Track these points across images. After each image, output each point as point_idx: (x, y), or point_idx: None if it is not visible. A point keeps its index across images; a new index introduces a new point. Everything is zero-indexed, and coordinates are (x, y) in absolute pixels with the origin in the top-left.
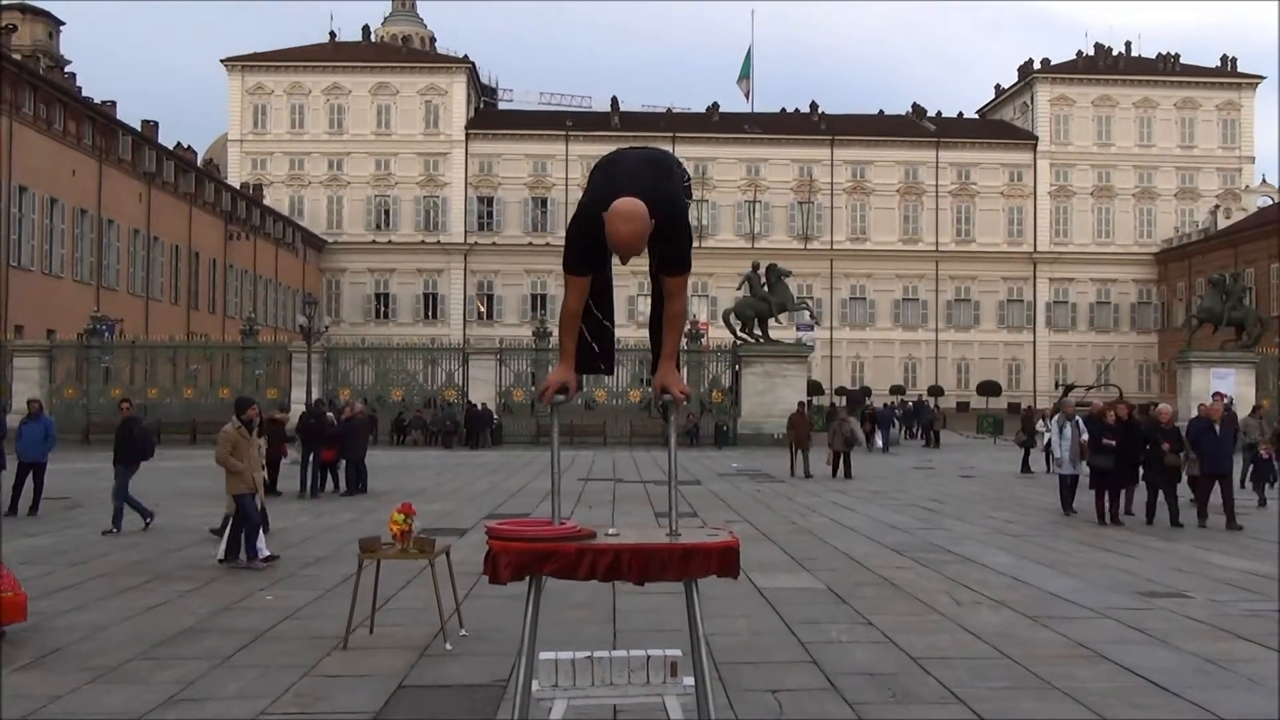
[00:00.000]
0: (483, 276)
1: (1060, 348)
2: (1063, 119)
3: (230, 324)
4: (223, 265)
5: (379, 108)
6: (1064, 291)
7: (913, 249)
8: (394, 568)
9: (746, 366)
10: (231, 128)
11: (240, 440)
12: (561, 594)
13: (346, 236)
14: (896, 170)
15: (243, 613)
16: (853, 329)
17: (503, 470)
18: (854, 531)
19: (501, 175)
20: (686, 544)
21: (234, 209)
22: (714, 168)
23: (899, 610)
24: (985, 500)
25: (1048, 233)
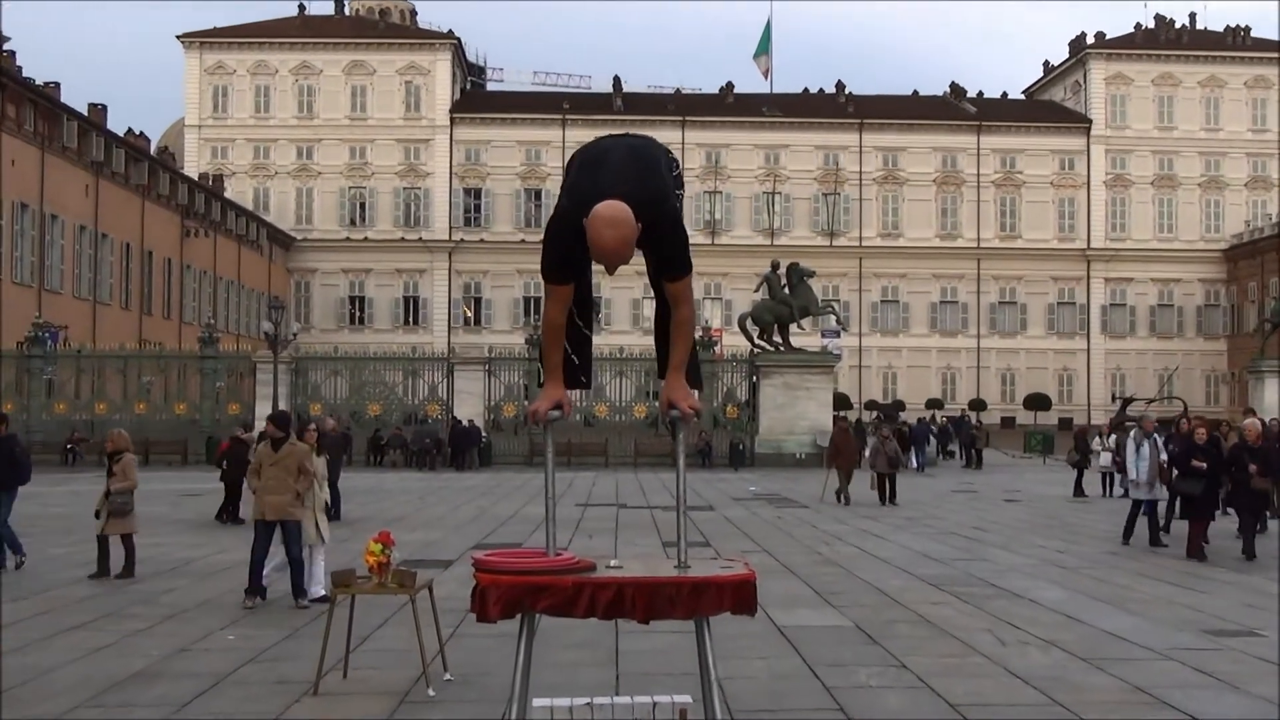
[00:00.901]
0: (469, 278)
1: (1117, 356)
2: (1119, 100)
3: (187, 331)
4: (179, 265)
5: (354, 89)
6: (1121, 293)
7: (951, 246)
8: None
9: (765, 378)
10: (188, 112)
11: (264, 458)
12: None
13: (317, 233)
14: (933, 158)
15: (201, 654)
16: (884, 336)
17: (492, 494)
18: (886, 563)
19: (490, 164)
20: (698, 577)
21: (191, 202)
22: (728, 155)
23: (936, 651)
24: (1033, 528)
25: (1103, 227)
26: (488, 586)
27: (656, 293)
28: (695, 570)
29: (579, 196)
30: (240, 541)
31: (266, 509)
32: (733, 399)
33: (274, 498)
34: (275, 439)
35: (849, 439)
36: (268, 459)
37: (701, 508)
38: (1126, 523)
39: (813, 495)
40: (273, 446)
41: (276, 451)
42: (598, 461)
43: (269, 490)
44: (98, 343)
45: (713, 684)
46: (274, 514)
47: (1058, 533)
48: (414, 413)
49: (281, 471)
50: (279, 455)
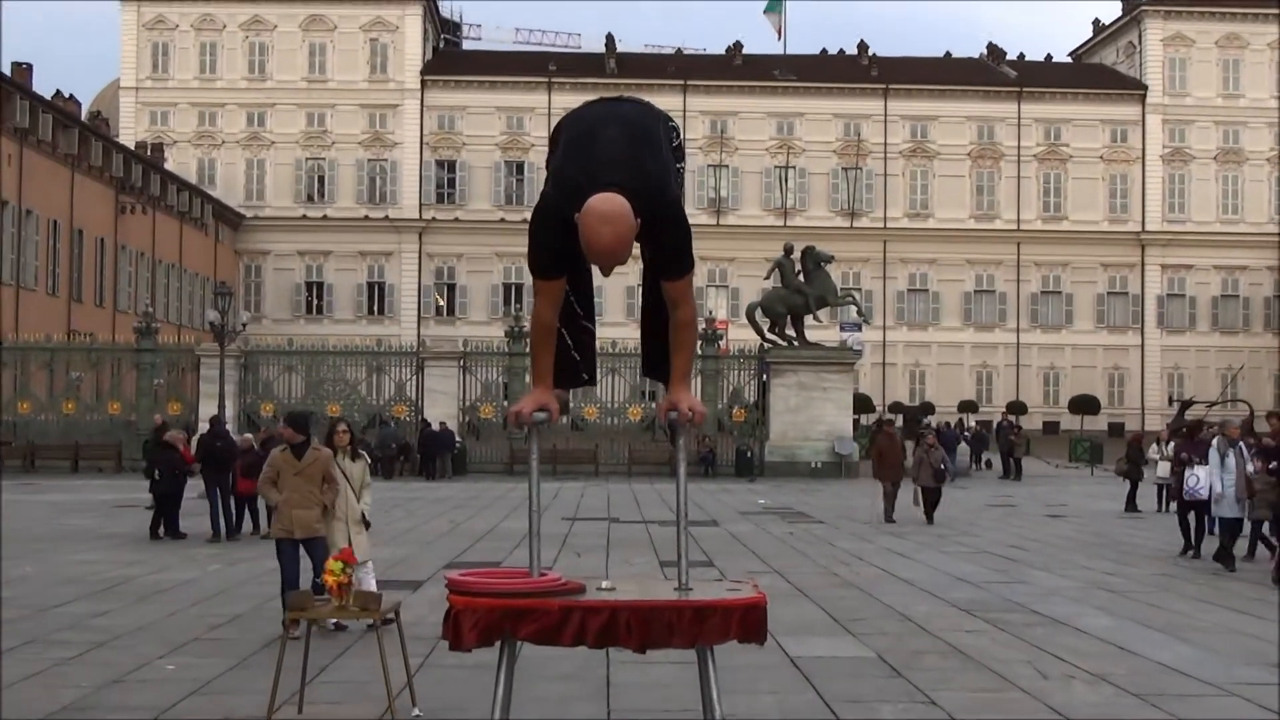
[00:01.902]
0: (442, 262)
1: (1175, 353)
2: (1179, 64)
3: (122, 321)
4: (113, 246)
5: (311, 48)
6: (1180, 282)
7: (988, 228)
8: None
9: (776, 376)
10: (124, 73)
11: (285, 466)
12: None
13: (270, 210)
14: (967, 128)
15: (137, 686)
16: (911, 329)
17: (467, 507)
18: (912, 586)
19: (466, 134)
20: (700, 601)
21: (128, 175)
22: (736, 125)
23: (969, 685)
24: (1079, 546)
25: (1159, 208)
26: (463, 610)
27: (646, 284)
28: (698, 593)
29: (568, 185)
30: (178, 559)
31: (294, 526)
32: (740, 400)
33: (301, 512)
34: (296, 444)
35: (894, 445)
36: (289, 468)
37: (704, 523)
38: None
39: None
40: (294, 453)
41: (299, 459)
42: (587, 470)
43: (294, 504)
44: (20, 333)
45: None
46: (303, 532)
47: (1107, 552)
48: (379, 414)
49: (306, 482)
50: (303, 463)
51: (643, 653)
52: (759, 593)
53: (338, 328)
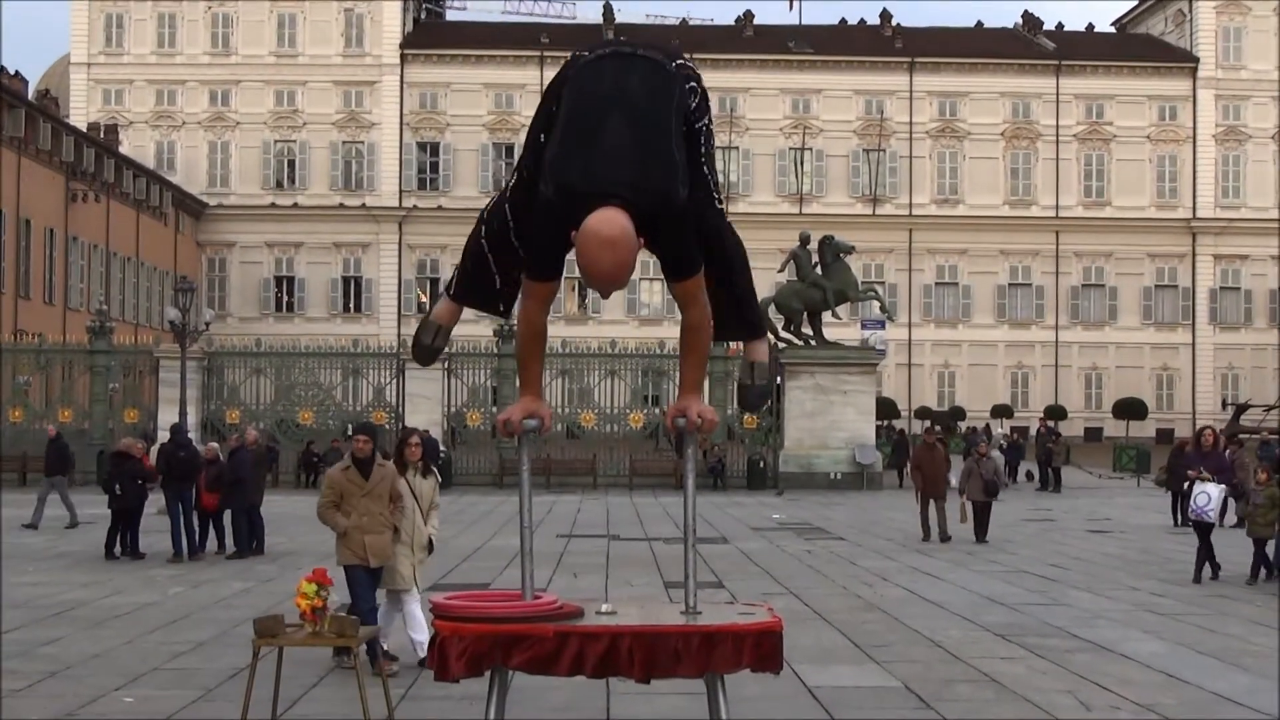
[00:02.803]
0: (424, 254)
1: (1229, 352)
2: (1233, 34)
3: (74, 319)
4: (63, 237)
5: (280, 19)
6: (1235, 274)
7: (1024, 215)
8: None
9: (792, 379)
10: (75, 48)
11: (350, 487)
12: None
13: (236, 198)
14: (1001, 106)
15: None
16: (939, 327)
17: (453, 522)
18: (941, 608)
19: (451, 113)
20: (710, 626)
21: (79, 159)
22: (747, 102)
23: (1006, 716)
24: (1125, 564)
25: (1212, 193)
26: (449, 637)
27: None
28: (707, 617)
29: (564, 185)
30: (137, 581)
31: (369, 554)
32: None
33: (375, 538)
34: (361, 460)
35: (936, 456)
36: (356, 488)
37: (714, 540)
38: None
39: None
40: (360, 470)
41: (366, 477)
42: (584, 482)
43: (366, 529)
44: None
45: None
46: (379, 559)
47: (1155, 571)
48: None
49: (374, 503)
50: (371, 483)
51: (647, 683)
52: (774, 617)
53: (310, 326)
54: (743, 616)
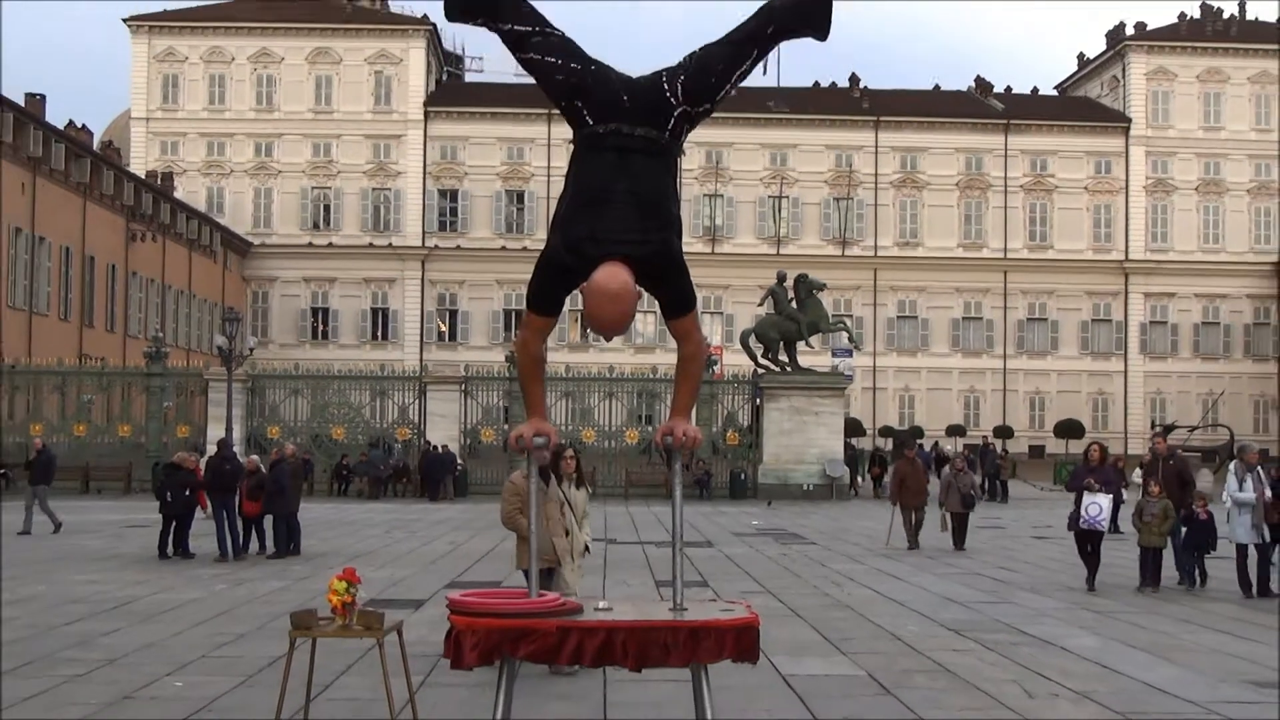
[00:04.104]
0: (444, 288)
1: (1157, 379)
2: (1162, 97)
3: (132, 345)
4: (124, 272)
5: (318, 80)
6: (1163, 310)
7: (975, 257)
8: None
9: (769, 401)
10: (135, 103)
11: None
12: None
13: (277, 238)
14: (956, 159)
15: (145, 703)
16: (901, 355)
17: (468, 528)
18: (903, 606)
19: (469, 163)
20: (695, 621)
21: (138, 203)
22: (730, 155)
23: (958, 704)
24: (1065, 568)
25: (1143, 237)
26: (464, 630)
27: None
28: (692, 613)
29: (575, 245)
30: (185, 579)
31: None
32: (734, 424)
33: (560, 540)
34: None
35: (917, 470)
36: (542, 496)
37: (699, 544)
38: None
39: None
40: (544, 478)
41: (548, 485)
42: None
43: (551, 533)
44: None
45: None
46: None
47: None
48: (381, 437)
49: (553, 509)
50: (551, 491)
51: (639, 672)
52: (752, 613)
53: (342, 352)
54: (724, 613)
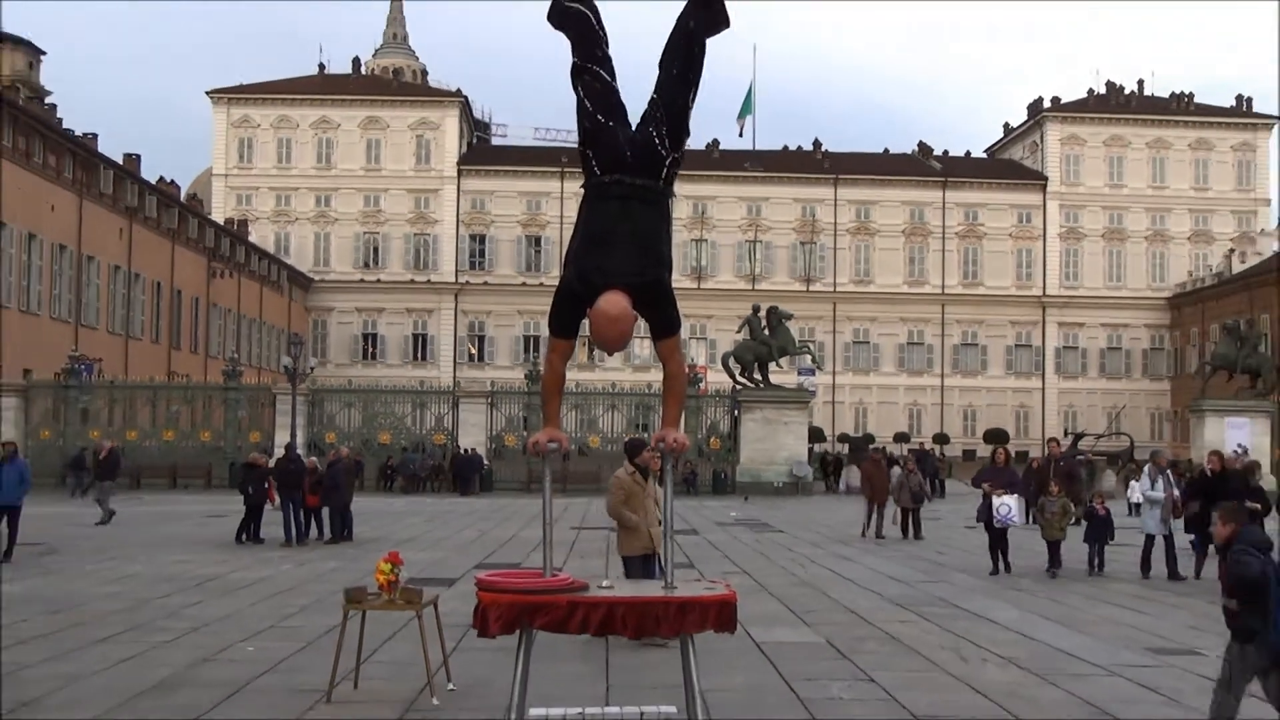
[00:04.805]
0: (474, 317)
1: (1070, 394)
2: (1073, 159)
3: (212, 364)
4: (205, 303)
5: (368, 142)
6: (1074, 337)
7: (918, 292)
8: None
9: (746, 412)
10: (216, 162)
11: (635, 489)
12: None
13: (334, 275)
14: (902, 211)
15: (222, 665)
16: (856, 374)
17: (493, 518)
18: (855, 584)
19: (494, 213)
20: (682, 597)
21: (218, 245)
22: (713, 207)
23: (902, 666)
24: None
25: (1057, 276)
26: (489, 604)
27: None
28: (681, 591)
29: (585, 277)
30: (257, 560)
31: (655, 543)
32: (716, 432)
33: (655, 529)
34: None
35: (882, 471)
36: (640, 490)
37: (686, 532)
38: (1143, 555)
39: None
40: (642, 475)
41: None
42: (591, 488)
43: (651, 523)
44: (129, 374)
45: (696, 695)
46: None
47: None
48: (421, 441)
49: (650, 504)
50: (649, 487)
51: (636, 639)
52: (731, 591)
53: (388, 371)
54: (707, 590)
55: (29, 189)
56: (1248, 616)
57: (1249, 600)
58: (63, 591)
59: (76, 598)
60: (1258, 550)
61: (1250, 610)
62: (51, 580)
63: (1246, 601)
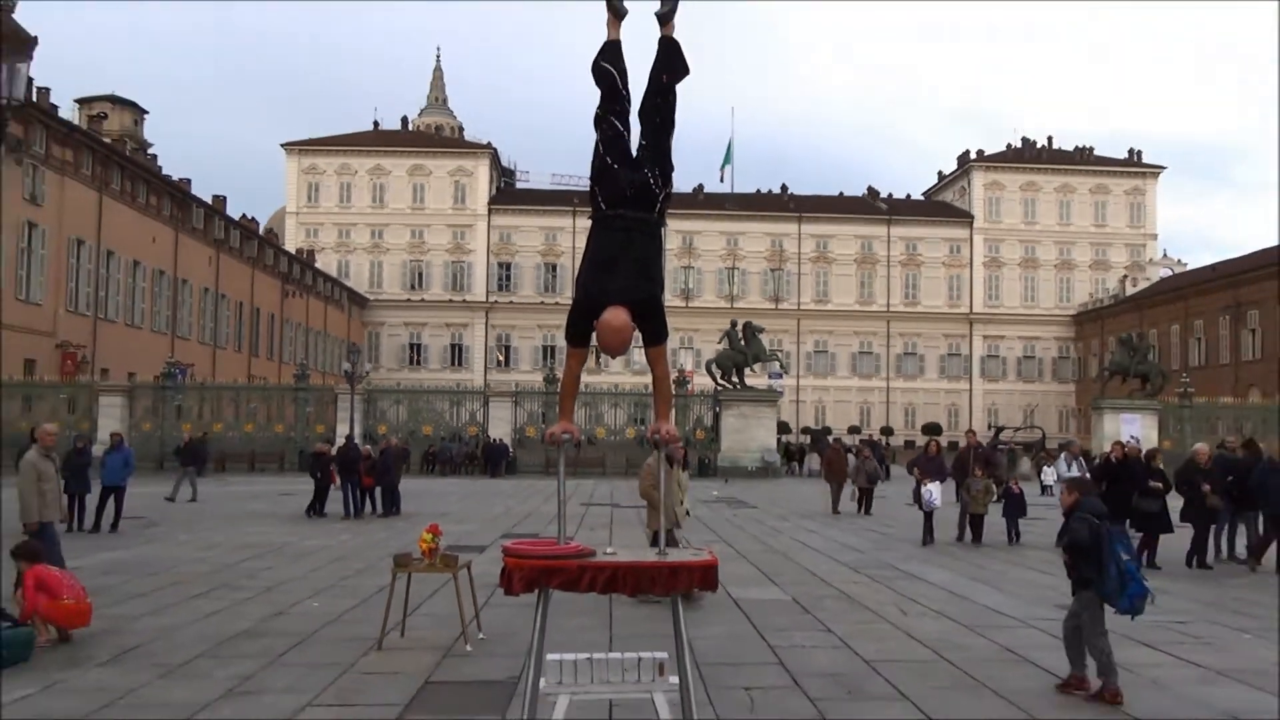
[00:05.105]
0: (501, 330)
1: (992, 395)
2: (995, 201)
3: (285, 369)
4: (279, 319)
5: (414, 186)
6: (995, 347)
7: (867, 310)
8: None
9: (726, 409)
10: (289, 201)
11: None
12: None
13: (385, 295)
14: (854, 243)
15: (293, 617)
16: (816, 377)
17: (516, 496)
18: (816, 551)
19: (518, 244)
20: (673, 562)
21: (290, 271)
22: (699, 239)
23: (854, 619)
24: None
25: (982, 297)
26: (513, 568)
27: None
28: (672, 556)
29: (594, 295)
30: (321, 531)
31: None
32: (701, 425)
33: (679, 508)
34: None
35: (841, 457)
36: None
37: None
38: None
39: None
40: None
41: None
42: (597, 471)
43: (674, 502)
44: (216, 377)
45: (684, 643)
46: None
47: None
48: (457, 433)
49: (674, 486)
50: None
51: (634, 597)
52: (713, 557)
53: (430, 374)
54: (694, 556)
55: (134, 224)
56: (1084, 568)
57: (1081, 557)
58: (161, 557)
59: (172, 562)
60: (1095, 517)
61: (1085, 563)
62: (152, 548)
63: (1079, 558)
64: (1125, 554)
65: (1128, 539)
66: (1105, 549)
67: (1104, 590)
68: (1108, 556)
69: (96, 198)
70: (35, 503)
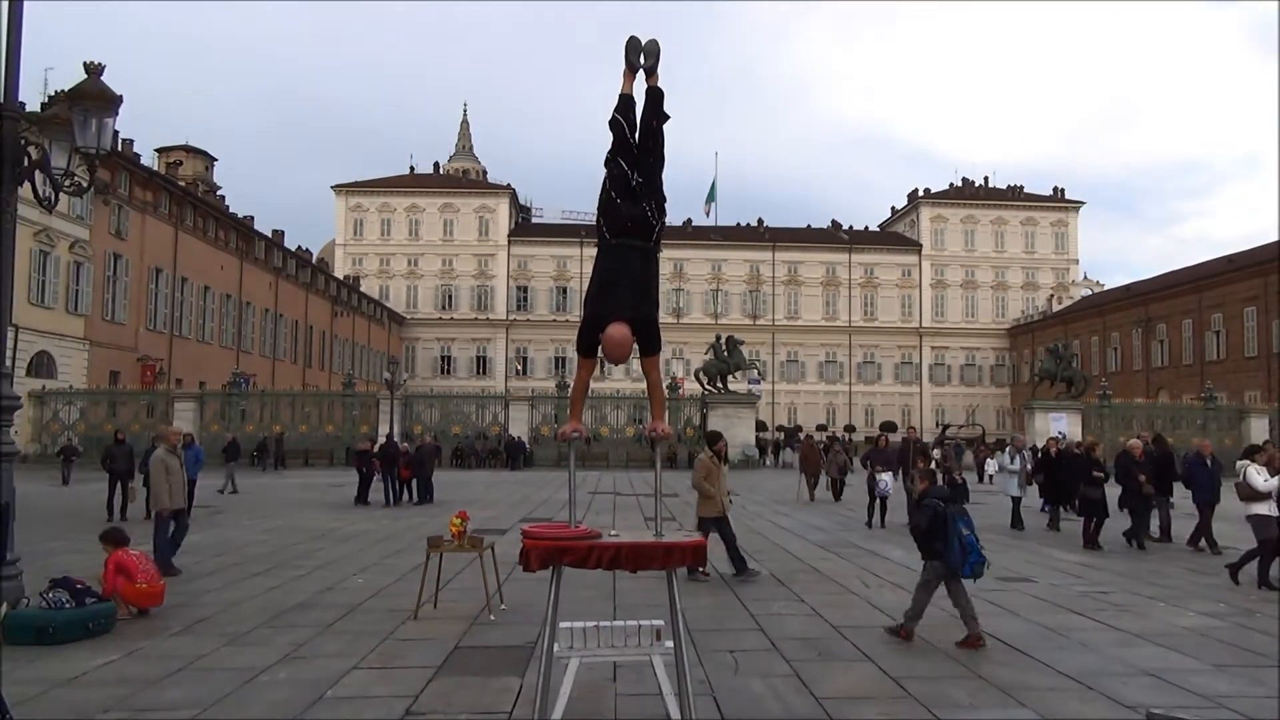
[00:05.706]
0: (520, 344)
1: (940, 397)
2: (939, 231)
3: (334, 378)
4: (330, 335)
5: (444, 221)
6: (942, 356)
7: (832, 325)
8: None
9: (712, 410)
10: (338, 235)
11: (713, 468)
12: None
13: (420, 314)
14: (820, 268)
15: (341, 592)
16: (788, 383)
17: (533, 486)
18: (790, 532)
19: (534, 270)
20: (668, 542)
21: (338, 294)
22: (688, 265)
23: (825, 590)
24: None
25: (930, 313)
26: (530, 548)
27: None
28: (667, 537)
29: (599, 312)
30: (365, 517)
31: (724, 509)
32: (690, 424)
33: (725, 499)
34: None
35: (814, 451)
36: (718, 469)
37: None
38: (1013, 514)
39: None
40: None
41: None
42: (602, 465)
43: (722, 492)
44: (275, 385)
45: (678, 612)
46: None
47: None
48: (482, 431)
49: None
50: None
51: (635, 572)
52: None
53: (459, 382)
54: (686, 537)
55: (204, 255)
56: (933, 542)
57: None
58: (227, 540)
59: (236, 544)
60: (940, 500)
61: (933, 537)
62: (219, 532)
63: (927, 533)
64: (966, 529)
65: (968, 516)
66: (950, 528)
67: (951, 561)
68: (951, 534)
69: (173, 232)
70: (165, 491)
